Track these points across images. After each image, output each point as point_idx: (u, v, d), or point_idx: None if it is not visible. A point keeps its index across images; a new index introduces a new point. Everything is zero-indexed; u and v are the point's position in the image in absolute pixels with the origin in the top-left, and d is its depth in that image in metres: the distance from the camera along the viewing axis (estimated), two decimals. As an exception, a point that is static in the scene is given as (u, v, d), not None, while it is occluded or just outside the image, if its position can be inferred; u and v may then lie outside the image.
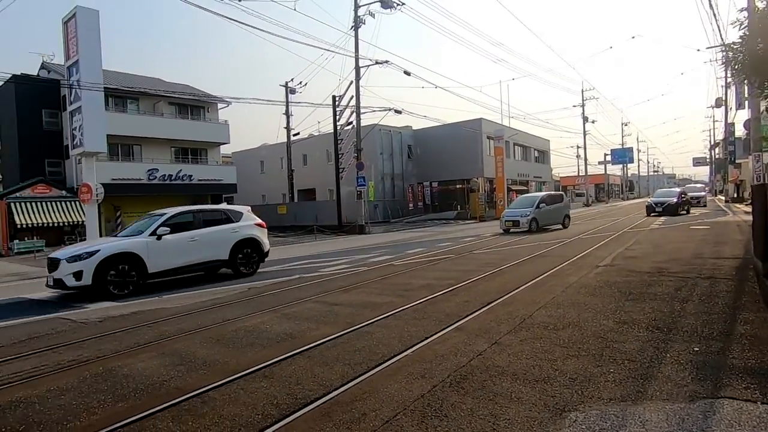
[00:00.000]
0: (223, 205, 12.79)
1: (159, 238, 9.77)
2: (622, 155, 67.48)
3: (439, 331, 5.33)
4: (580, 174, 62.91)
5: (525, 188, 45.84)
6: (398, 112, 27.37)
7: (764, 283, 6.62)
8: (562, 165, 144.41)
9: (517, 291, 7.37)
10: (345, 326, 5.81)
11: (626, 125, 72.95)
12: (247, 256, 11.29)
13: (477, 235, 19.56)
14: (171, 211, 10.68)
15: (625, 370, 3.93)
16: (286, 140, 34.58)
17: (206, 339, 5.63)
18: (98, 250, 9.14)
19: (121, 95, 29.76)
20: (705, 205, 31.52)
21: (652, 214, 25.00)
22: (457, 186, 39.15)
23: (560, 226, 20.50)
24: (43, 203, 25.16)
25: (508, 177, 38.50)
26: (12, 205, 24.12)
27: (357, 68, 26.31)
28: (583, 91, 52.89)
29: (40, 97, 28.21)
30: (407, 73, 26.35)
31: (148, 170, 29.75)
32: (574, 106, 53.98)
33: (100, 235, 18.74)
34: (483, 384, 3.79)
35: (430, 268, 10.76)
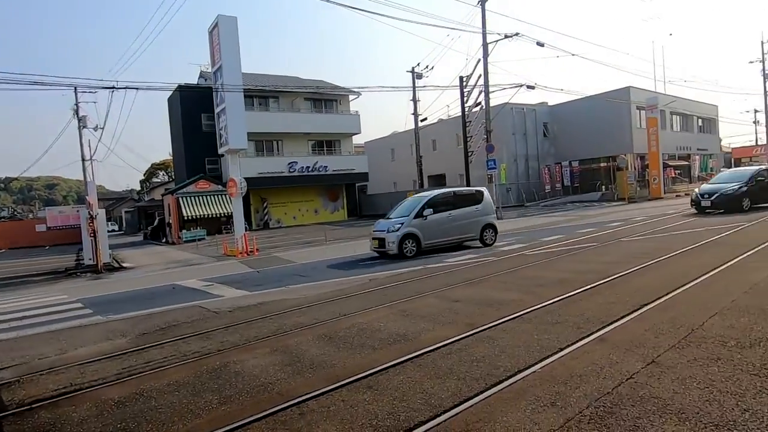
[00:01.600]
0: None
1: None
2: (820, 117, 54.93)
3: (577, 342, 4.42)
4: (760, 143, 52.84)
5: (686, 163, 39.89)
6: (531, 87, 25.33)
7: None
8: (736, 134, 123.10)
9: (679, 290, 5.99)
10: (464, 328, 5.18)
11: (826, 79, 59.24)
12: None
13: (625, 219, 17.25)
14: None
15: None
16: (414, 127, 34.44)
17: (319, 336, 5.45)
18: None
19: (264, 95, 32.31)
20: None
21: None
22: (602, 164, 35.42)
23: (478, 242, 13.30)
24: (204, 197, 28.45)
25: (665, 151, 33.67)
26: (180, 199, 27.68)
27: (484, 45, 24.89)
28: (762, 42, 44.01)
29: (199, 103, 31.81)
30: (540, 43, 24.20)
31: (289, 163, 31.98)
32: (752, 62, 45.14)
33: (248, 225, 20.44)
34: (635, 423, 2.90)
35: (569, 259, 9.53)
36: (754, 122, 52.98)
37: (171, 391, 4.14)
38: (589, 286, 6.64)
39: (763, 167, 18.30)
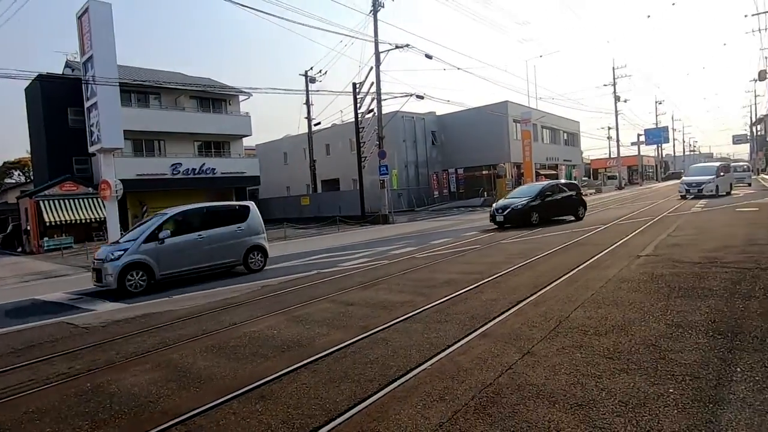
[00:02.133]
0: None
1: None
2: (657, 135, 64.70)
3: (463, 338, 4.71)
4: (612, 156, 60.64)
5: (554, 172, 44.37)
6: (420, 97, 26.53)
7: (840, 274, 5.78)
8: (594, 147, 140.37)
9: (550, 287, 6.66)
10: (358, 331, 5.26)
11: (660, 103, 70.03)
12: None
13: (505, 223, 18.72)
14: None
15: (689, 390, 3.24)
16: (307, 131, 34.18)
17: (207, 348, 5.17)
18: None
19: (143, 91, 29.86)
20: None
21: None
22: (483, 172, 38.10)
23: (242, 268, 11.17)
24: (71, 200, 25.47)
25: (536, 161, 37.24)
26: (41, 203, 24.49)
27: (377, 54, 25.56)
28: (614, 68, 50.69)
29: (66, 95, 28.46)
30: (429, 56, 25.44)
31: (172, 165, 29.86)
32: (605, 85, 51.78)
33: (124, 231, 18.72)
34: (514, 410, 3.17)
35: (455, 261, 10.11)
36: (608, 138, 60.69)
37: (30, 421, 3.65)
38: (474, 286, 7.10)
39: (553, 182, 18.85)
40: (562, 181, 22.22)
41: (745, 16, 61.02)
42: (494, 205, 17.20)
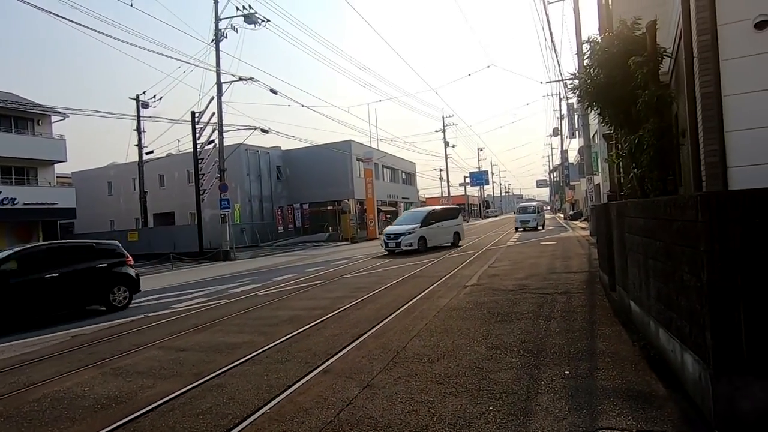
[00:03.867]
0: None
1: None
2: (479, 178, 73.58)
3: (304, 377, 4.62)
4: (444, 195, 66.98)
5: (394, 209, 47.18)
6: (265, 131, 26.26)
7: (611, 296, 7.11)
8: (428, 187, 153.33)
9: (389, 318, 6.95)
10: (191, 379, 4.81)
11: (482, 150, 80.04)
12: None
13: (348, 258, 19.19)
14: None
15: (505, 406, 3.62)
16: (138, 159, 31.14)
17: (-9, 417, 4.21)
18: None
19: None
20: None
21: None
22: (328, 208, 38.81)
23: None
24: None
25: (378, 198, 39.21)
26: None
27: (219, 84, 24.71)
28: (444, 117, 56.68)
29: None
30: (273, 91, 25.44)
31: (-47, 193, 24.46)
32: (437, 131, 57.53)
33: None
34: (353, 445, 3.18)
35: (299, 297, 9.97)
36: (440, 179, 67.03)
37: None
38: (317, 321, 7.07)
39: (43, 245, 10.35)
40: (75, 241, 12.82)
41: (541, 82, 74.01)
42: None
